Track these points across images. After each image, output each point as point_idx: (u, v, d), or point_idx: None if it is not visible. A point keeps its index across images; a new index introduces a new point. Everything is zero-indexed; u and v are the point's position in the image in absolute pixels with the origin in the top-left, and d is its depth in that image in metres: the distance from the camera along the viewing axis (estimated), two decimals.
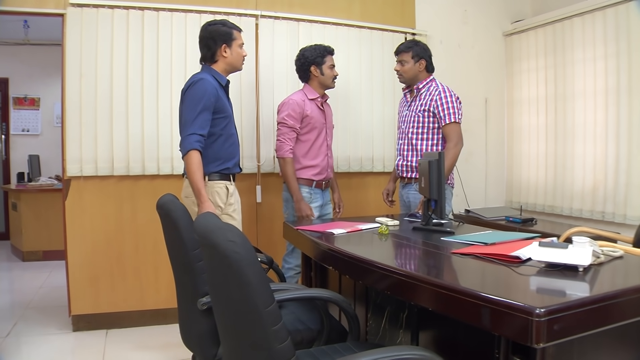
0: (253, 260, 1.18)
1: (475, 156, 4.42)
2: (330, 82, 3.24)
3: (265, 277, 1.23)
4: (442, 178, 2.30)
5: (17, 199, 5.44)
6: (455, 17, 4.30)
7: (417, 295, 1.51)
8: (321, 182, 3.23)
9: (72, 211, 3.33)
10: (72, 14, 3.21)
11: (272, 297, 1.20)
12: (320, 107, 3.24)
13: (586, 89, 3.65)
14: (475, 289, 1.33)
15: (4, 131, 6.53)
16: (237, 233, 1.20)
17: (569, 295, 1.38)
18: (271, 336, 1.19)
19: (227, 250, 1.16)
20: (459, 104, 3.12)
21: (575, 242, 1.58)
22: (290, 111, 3.12)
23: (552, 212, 3.99)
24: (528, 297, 1.36)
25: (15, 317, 3.61)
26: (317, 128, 3.20)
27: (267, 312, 1.18)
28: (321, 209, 3.26)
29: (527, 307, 1.17)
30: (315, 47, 3.21)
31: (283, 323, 1.22)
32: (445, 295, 1.39)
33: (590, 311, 1.26)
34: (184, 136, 2.53)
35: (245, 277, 1.16)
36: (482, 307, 1.28)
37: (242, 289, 1.18)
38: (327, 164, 3.27)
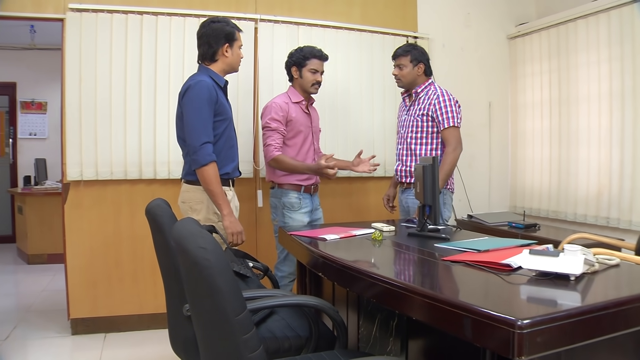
0: (224, 267, 1.15)
1: (478, 161, 4.37)
2: (309, 86, 3.08)
3: (237, 285, 1.20)
4: (436, 183, 2.27)
5: (23, 203, 5.48)
6: (458, 20, 4.26)
7: (400, 303, 1.47)
8: (310, 187, 3.14)
9: (71, 215, 3.34)
10: (72, 19, 3.22)
11: (243, 305, 1.18)
12: (305, 111, 3.15)
13: (590, 92, 3.60)
14: (458, 298, 1.29)
15: (11, 135, 6.60)
16: (209, 240, 1.18)
17: (557, 306, 1.34)
18: (241, 345, 1.17)
19: (198, 257, 1.14)
20: (458, 108, 3.07)
21: (566, 250, 1.54)
22: (273, 114, 3.01)
23: (557, 218, 3.92)
24: (512, 308, 1.32)
25: (16, 320, 3.62)
26: (303, 132, 3.10)
27: (237, 320, 1.16)
28: (311, 214, 3.17)
29: (509, 319, 1.13)
30: (302, 48, 3.11)
31: (255, 332, 1.19)
32: (427, 304, 1.35)
33: (577, 323, 1.22)
34: (198, 146, 2.42)
35: (215, 284, 1.14)
36: (464, 317, 1.24)
37: (212, 297, 1.16)
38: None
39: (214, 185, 2.44)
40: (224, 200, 2.48)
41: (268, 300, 1.74)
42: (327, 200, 3.71)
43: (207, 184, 2.45)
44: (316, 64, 3.08)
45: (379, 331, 1.99)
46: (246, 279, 2.15)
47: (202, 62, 2.65)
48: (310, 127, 3.18)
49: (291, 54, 3.13)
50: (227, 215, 2.47)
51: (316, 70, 3.08)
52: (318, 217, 3.26)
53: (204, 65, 2.64)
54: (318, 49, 3.13)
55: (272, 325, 2.03)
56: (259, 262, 2.39)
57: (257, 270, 2.40)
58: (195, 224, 1.32)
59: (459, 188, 4.21)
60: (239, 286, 1.22)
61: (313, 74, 3.07)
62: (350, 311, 2.24)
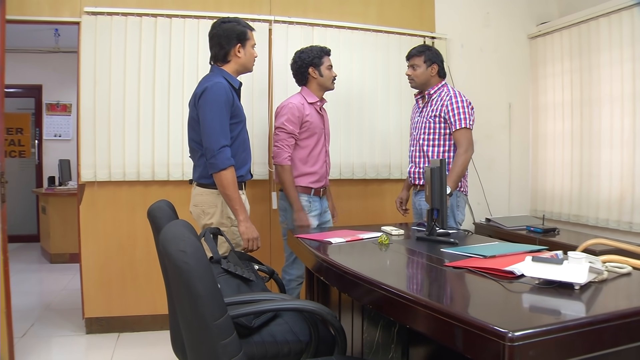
0: (203, 271, 1.14)
1: (498, 163, 4.27)
2: (330, 83, 3.11)
3: (217, 289, 1.19)
4: (444, 186, 2.21)
5: (46, 203, 5.60)
6: (476, 20, 4.17)
7: (394, 310, 1.43)
8: (319, 190, 3.11)
9: (86, 216, 3.39)
10: (87, 22, 3.27)
11: (222, 310, 1.16)
12: (319, 112, 3.13)
13: (613, 93, 3.47)
14: (449, 307, 1.25)
15: (37, 136, 6.76)
16: (190, 243, 1.17)
17: (555, 317, 1.28)
18: (220, 350, 1.15)
19: (177, 260, 1.13)
20: (471, 109, 3.01)
21: (570, 257, 1.47)
22: (290, 115, 2.98)
23: (578, 222, 3.80)
24: (506, 318, 1.26)
25: (34, 317, 3.70)
26: (317, 134, 3.07)
27: (216, 325, 1.14)
28: (320, 217, 3.14)
29: (499, 330, 1.08)
30: (311, 48, 3.11)
31: (235, 337, 1.17)
32: (419, 312, 1.31)
33: (575, 336, 1.16)
34: (216, 149, 2.37)
35: (193, 288, 1.12)
36: (455, 326, 1.19)
37: (192, 301, 1.15)
38: (325, 171, 3.16)
39: (232, 190, 2.40)
40: (241, 205, 2.44)
41: (264, 305, 1.72)
42: (342, 202, 3.69)
43: (224, 188, 2.40)
44: (328, 60, 3.13)
45: (382, 337, 1.95)
46: (250, 283, 2.13)
47: (214, 63, 2.61)
48: (323, 128, 3.16)
49: (302, 58, 3.09)
50: (243, 220, 2.44)
51: (331, 65, 3.12)
52: (327, 220, 3.24)
53: (216, 66, 2.59)
54: (324, 46, 3.15)
55: (274, 329, 2.01)
56: (265, 265, 2.37)
57: (263, 273, 2.38)
58: (182, 227, 1.31)
59: (477, 191, 4.14)
60: (220, 290, 1.20)
61: (330, 70, 3.11)
62: (356, 317, 2.20)
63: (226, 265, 2.08)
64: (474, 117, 3.03)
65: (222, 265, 2.08)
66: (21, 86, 6.64)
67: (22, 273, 5.16)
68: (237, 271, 2.10)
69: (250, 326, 1.90)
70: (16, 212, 6.75)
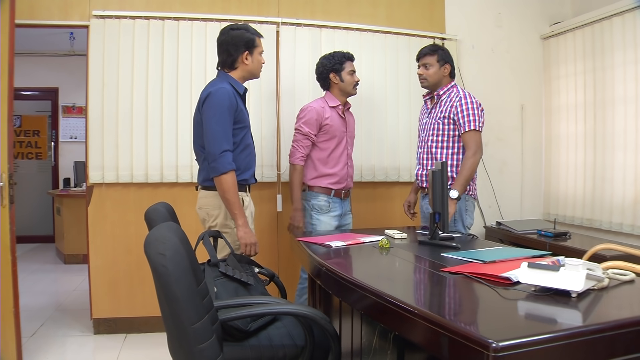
0: (181, 275, 1.13)
1: (510, 166, 4.20)
2: (351, 88, 3.16)
3: (195, 293, 1.18)
4: (446, 189, 2.18)
5: (61, 204, 5.68)
6: (488, 21, 4.11)
7: (383, 316, 1.41)
8: (340, 192, 3.15)
9: (94, 217, 3.42)
10: (95, 25, 3.30)
11: (200, 314, 1.15)
12: (342, 115, 3.16)
13: (627, 94, 3.38)
14: (436, 314, 1.21)
15: (53, 138, 6.87)
16: (169, 246, 1.16)
17: (546, 327, 1.24)
18: (196, 354, 1.15)
19: (156, 263, 1.14)
20: (481, 111, 2.94)
21: (567, 264, 1.43)
22: (308, 118, 3.06)
23: (591, 226, 3.71)
24: (493, 327, 1.22)
25: (44, 317, 3.75)
26: (337, 136, 3.12)
27: (193, 329, 1.13)
28: (340, 218, 3.17)
29: (484, 340, 1.05)
30: (333, 54, 3.15)
31: (213, 342, 1.17)
32: (408, 319, 1.28)
33: (565, 347, 1.12)
34: (218, 154, 2.38)
35: (171, 292, 1.13)
36: (441, 335, 1.16)
37: (170, 304, 1.15)
38: (346, 173, 3.18)
39: (231, 194, 2.40)
40: (240, 210, 2.43)
41: (256, 309, 1.71)
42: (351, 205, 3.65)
43: (224, 192, 2.41)
44: (351, 65, 3.16)
45: (379, 343, 1.91)
46: (248, 287, 2.12)
47: (222, 69, 2.62)
48: (345, 132, 3.19)
49: (323, 64, 3.15)
50: (241, 225, 2.43)
51: (353, 71, 3.15)
52: (348, 222, 3.25)
53: (223, 71, 2.61)
54: (347, 52, 3.19)
55: (272, 332, 2.00)
56: (265, 268, 2.36)
57: (264, 277, 2.37)
58: (167, 230, 1.30)
59: (489, 194, 4.08)
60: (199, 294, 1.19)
61: (352, 76, 3.14)
62: (355, 321, 2.17)
63: (224, 269, 2.08)
64: (484, 119, 2.96)
65: (220, 269, 2.07)
66: (38, 89, 6.77)
67: (37, 273, 5.24)
68: (236, 275, 2.09)
69: (245, 330, 1.88)
70: (33, 213, 6.91)
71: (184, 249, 1.25)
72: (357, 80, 3.17)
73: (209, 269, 2.05)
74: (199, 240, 2.18)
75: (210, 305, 1.52)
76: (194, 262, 1.42)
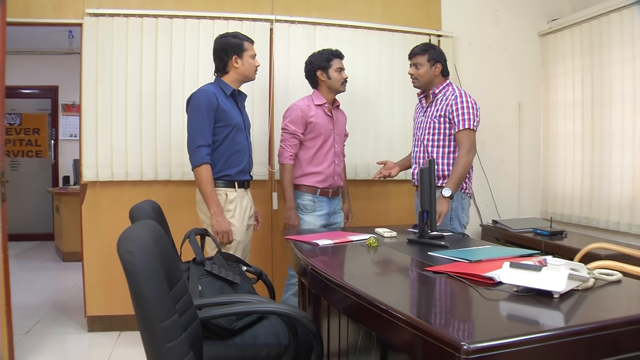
0: (150, 273, 1.13)
1: (507, 164, 4.17)
2: (339, 85, 3.13)
3: (164, 291, 1.17)
4: (433, 188, 2.16)
5: (60, 202, 5.70)
6: (485, 18, 4.07)
7: (361, 316, 1.39)
8: (327, 190, 3.13)
9: (88, 215, 3.42)
10: (89, 24, 3.30)
11: (169, 313, 1.15)
12: (328, 114, 3.14)
13: (625, 91, 3.34)
14: (410, 314, 1.19)
15: (53, 136, 6.89)
16: (139, 244, 1.16)
17: (525, 328, 1.22)
18: (164, 353, 1.14)
19: (125, 261, 1.14)
20: (476, 110, 2.90)
21: (549, 264, 1.41)
22: (293, 117, 3.07)
23: (588, 225, 3.67)
24: (468, 328, 1.20)
25: (40, 315, 3.75)
26: (323, 134, 3.10)
27: (160, 327, 1.13)
28: (328, 217, 3.16)
29: (455, 342, 1.03)
30: (321, 52, 3.14)
31: (183, 340, 1.16)
32: (383, 319, 1.26)
33: (542, 349, 1.10)
34: (193, 148, 2.60)
35: (139, 290, 1.13)
36: (415, 335, 1.14)
37: (138, 302, 1.17)
38: (333, 171, 3.15)
39: (204, 186, 2.59)
40: (213, 200, 2.60)
41: (237, 307, 1.71)
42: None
43: (198, 184, 2.62)
44: (339, 62, 3.13)
45: (364, 342, 1.90)
46: (234, 285, 2.11)
47: (216, 74, 2.82)
48: (332, 130, 3.16)
49: (311, 62, 3.15)
50: (214, 214, 2.59)
51: (341, 68, 3.12)
52: (337, 221, 3.24)
53: (217, 76, 2.81)
54: (335, 49, 3.16)
55: (258, 331, 1.99)
56: (252, 266, 2.35)
57: (252, 275, 2.36)
58: (141, 228, 1.29)
59: (485, 192, 4.05)
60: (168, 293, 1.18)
61: (339, 73, 3.11)
62: (342, 321, 2.15)
63: (210, 267, 2.07)
64: (480, 118, 2.93)
65: (205, 267, 2.07)
66: (38, 87, 6.79)
67: (35, 271, 5.26)
68: (222, 273, 2.08)
69: (229, 328, 1.88)
70: (34, 211, 6.93)
71: (156, 247, 1.24)
72: (345, 78, 3.14)
73: (195, 267, 2.05)
74: (185, 238, 2.18)
75: (189, 304, 1.51)
76: (171, 260, 1.41)
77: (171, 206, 3.40)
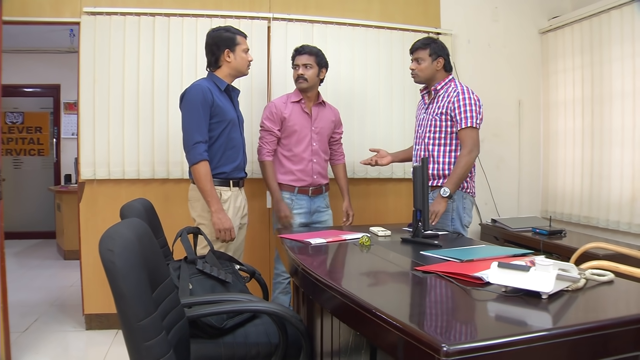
0: (129, 271, 1.14)
1: (507, 162, 4.14)
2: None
3: (143, 290, 1.17)
4: (426, 186, 2.14)
5: (61, 200, 5.71)
6: (484, 15, 4.04)
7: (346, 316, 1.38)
8: (306, 189, 3.11)
9: (86, 214, 3.43)
10: (86, 22, 3.30)
11: (148, 311, 1.15)
12: (305, 110, 3.11)
13: (625, 88, 3.31)
14: (393, 314, 1.18)
15: (55, 135, 6.91)
16: (118, 242, 1.16)
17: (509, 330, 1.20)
18: (143, 352, 1.15)
19: (104, 259, 1.15)
20: (479, 107, 2.80)
21: (537, 264, 1.39)
22: (268, 114, 3.09)
23: (588, 224, 3.64)
24: (450, 330, 1.19)
25: (38, 313, 3.77)
26: (297, 132, 3.07)
27: (139, 326, 1.13)
28: (309, 216, 3.14)
29: (434, 343, 1.02)
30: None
31: (162, 339, 1.16)
32: (367, 319, 1.25)
33: (524, 352, 1.08)
34: (190, 145, 2.54)
35: (118, 288, 1.14)
36: (397, 336, 1.13)
37: (117, 301, 1.17)
38: (311, 169, 3.11)
39: (203, 183, 2.53)
40: (213, 197, 2.54)
41: (224, 306, 1.70)
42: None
43: (197, 181, 2.56)
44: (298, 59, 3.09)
45: (354, 342, 1.89)
46: (226, 284, 2.10)
47: (209, 69, 2.78)
48: (309, 127, 3.12)
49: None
50: (215, 211, 2.54)
51: (297, 65, 3.09)
52: (321, 220, 3.21)
53: (210, 71, 2.77)
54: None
55: (250, 330, 1.99)
56: (245, 265, 2.34)
57: (245, 273, 2.36)
58: (124, 227, 1.29)
59: (485, 191, 4.03)
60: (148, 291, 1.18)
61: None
62: (335, 320, 2.15)
63: (202, 266, 2.07)
64: (482, 115, 2.84)
65: (197, 266, 2.06)
66: (40, 86, 6.80)
67: (36, 269, 5.28)
68: (213, 272, 2.07)
69: (220, 327, 1.87)
70: (36, 209, 6.96)
71: (138, 245, 1.23)
72: (300, 74, 3.08)
73: (186, 265, 2.04)
74: (177, 237, 2.18)
75: (175, 303, 1.51)
76: (156, 258, 1.40)
77: (168, 204, 3.41)
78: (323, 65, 3.12)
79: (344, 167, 3.38)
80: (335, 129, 3.30)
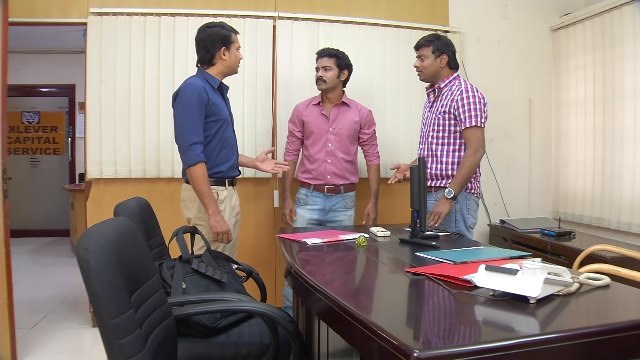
0: (103, 270, 1.15)
1: (517, 162, 4.07)
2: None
3: (117, 288, 1.17)
4: (423, 186, 2.11)
5: (74, 198, 5.79)
6: (493, 12, 3.98)
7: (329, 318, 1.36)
8: (322, 187, 3.18)
9: (93, 212, 3.46)
10: (93, 22, 3.33)
11: (121, 310, 1.16)
12: (322, 113, 3.17)
13: (637, 87, 3.22)
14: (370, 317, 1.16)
15: (70, 134, 7.01)
16: (94, 241, 1.16)
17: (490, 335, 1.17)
18: (115, 350, 1.15)
19: (79, 257, 1.17)
20: (484, 106, 2.73)
21: (525, 267, 1.35)
22: (291, 116, 3.28)
23: (599, 226, 3.56)
24: (426, 334, 1.16)
25: (47, 310, 3.82)
26: (314, 133, 3.17)
27: (111, 324, 1.14)
28: (323, 213, 3.21)
29: (406, 348, 1.00)
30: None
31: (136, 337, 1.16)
32: (346, 321, 1.24)
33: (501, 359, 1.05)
34: (187, 146, 2.47)
35: (91, 286, 1.15)
36: (372, 339, 1.11)
37: (91, 298, 1.17)
38: (325, 169, 3.15)
39: (201, 185, 2.47)
40: (210, 200, 2.49)
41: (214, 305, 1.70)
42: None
43: (194, 183, 2.48)
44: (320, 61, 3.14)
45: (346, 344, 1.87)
46: (221, 284, 2.10)
47: (200, 66, 2.70)
48: (325, 129, 3.14)
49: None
50: (212, 214, 2.48)
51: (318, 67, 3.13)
52: (336, 219, 3.24)
53: (202, 68, 2.69)
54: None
55: (244, 330, 1.98)
56: (242, 264, 2.34)
57: (240, 272, 2.35)
58: (105, 226, 1.29)
59: (494, 191, 3.97)
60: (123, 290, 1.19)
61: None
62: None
63: (197, 266, 2.06)
64: (487, 114, 2.77)
65: (192, 265, 2.06)
66: (56, 85, 6.91)
67: (49, 266, 5.37)
68: (208, 272, 2.07)
69: (212, 326, 1.87)
70: (52, 207, 7.08)
71: (117, 243, 1.24)
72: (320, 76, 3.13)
73: (180, 265, 2.04)
74: (173, 236, 2.18)
75: (161, 301, 1.50)
76: (139, 257, 1.40)
77: (174, 203, 3.42)
78: (344, 67, 3.14)
79: (374, 169, 3.37)
80: (362, 130, 3.27)
